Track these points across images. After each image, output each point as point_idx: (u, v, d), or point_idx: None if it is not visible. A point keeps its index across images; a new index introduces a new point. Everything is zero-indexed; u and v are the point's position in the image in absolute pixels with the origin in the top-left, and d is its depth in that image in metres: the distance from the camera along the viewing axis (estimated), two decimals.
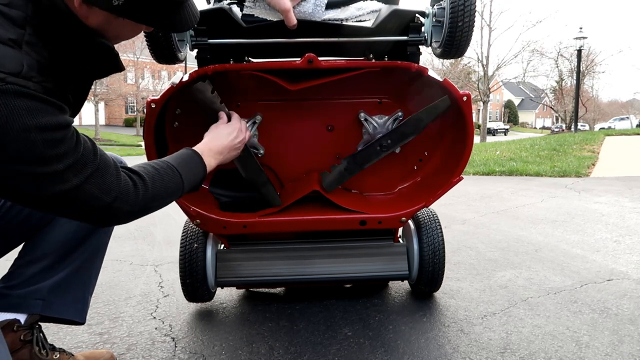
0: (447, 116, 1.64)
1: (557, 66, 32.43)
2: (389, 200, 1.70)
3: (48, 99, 0.82)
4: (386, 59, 1.60)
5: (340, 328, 1.64)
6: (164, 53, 1.46)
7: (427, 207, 1.66)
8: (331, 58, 1.62)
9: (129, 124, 38.04)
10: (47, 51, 0.85)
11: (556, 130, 38.90)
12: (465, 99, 1.43)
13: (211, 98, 1.44)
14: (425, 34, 1.50)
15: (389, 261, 1.71)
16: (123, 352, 1.50)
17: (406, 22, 1.49)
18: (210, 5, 1.57)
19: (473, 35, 1.45)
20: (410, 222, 1.82)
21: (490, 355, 1.43)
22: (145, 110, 1.41)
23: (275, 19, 1.40)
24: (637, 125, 29.83)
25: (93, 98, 28.58)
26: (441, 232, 1.75)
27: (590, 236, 2.92)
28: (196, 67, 1.49)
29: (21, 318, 1.19)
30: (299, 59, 1.38)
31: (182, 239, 1.72)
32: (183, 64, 1.60)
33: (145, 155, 1.47)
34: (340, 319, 1.71)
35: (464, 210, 3.91)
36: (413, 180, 1.72)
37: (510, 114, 58.13)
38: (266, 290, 2.04)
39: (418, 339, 1.54)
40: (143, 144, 1.48)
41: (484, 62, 24.15)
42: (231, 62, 1.52)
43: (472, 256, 2.53)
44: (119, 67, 0.99)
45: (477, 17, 22.71)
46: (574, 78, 24.00)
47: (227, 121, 1.41)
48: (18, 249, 1.24)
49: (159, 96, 1.38)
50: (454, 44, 1.43)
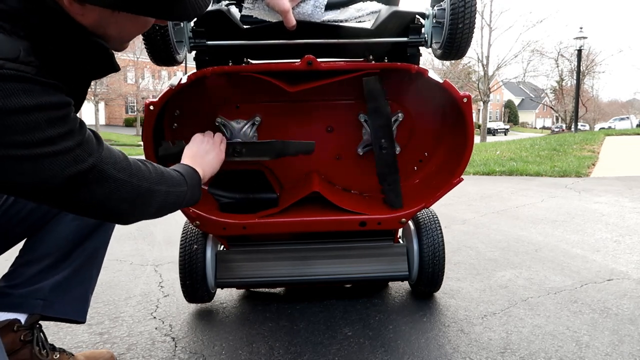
0: (448, 117, 1.64)
1: (558, 66, 32.43)
2: None
3: (46, 81, 0.79)
4: (386, 61, 1.60)
5: (340, 328, 1.64)
6: (162, 55, 1.45)
7: (427, 208, 1.66)
8: (331, 59, 1.62)
9: (129, 123, 38.05)
10: (41, 47, 0.81)
11: (556, 130, 38.89)
12: (465, 100, 1.43)
13: (175, 150, 1.45)
14: (426, 35, 1.50)
15: (389, 262, 1.71)
16: (123, 352, 1.50)
17: (406, 23, 1.49)
18: (209, 7, 1.56)
19: (473, 35, 1.45)
20: (410, 223, 1.82)
21: (490, 355, 1.43)
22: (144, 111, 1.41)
23: (274, 20, 1.40)
24: (637, 125, 29.81)
25: (93, 98, 28.59)
26: (441, 233, 1.75)
27: (590, 236, 2.92)
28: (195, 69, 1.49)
29: (21, 318, 1.19)
30: (298, 60, 1.37)
31: (182, 240, 1.73)
32: (183, 65, 1.61)
33: (144, 156, 1.47)
34: (341, 319, 1.71)
35: (464, 210, 3.92)
36: (413, 181, 1.72)
37: (511, 114, 58.11)
38: (266, 290, 2.04)
39: (418, 338, 1.55)
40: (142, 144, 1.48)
41: (484, 62, 24.15)
42: (230, 64, 1.52)
43: (472, 256, 2.53)
44: (114, 67, 0.94)
45: (478, 17, 22.68)
46: (574, 78, 23.98)
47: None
48: (18, 246, 1.24)
49: (157, 98, 1.38)
50: (454, 45, 1.43)
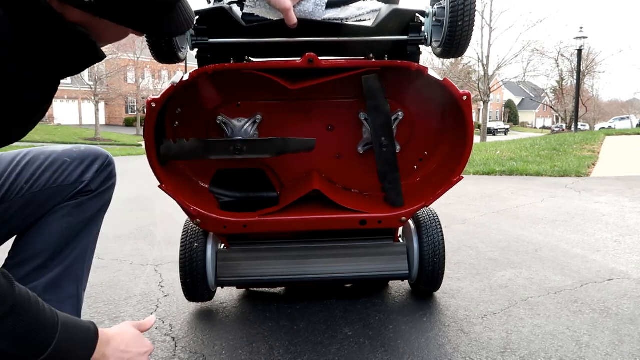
0: (447, 116, 1.64)
1: (558, 66, 32.47)
2: None
3: None
4: (386, 59, 1.60)
5: (340, 328, 1.64)
6: (165, 52, 1.46)
7: (427, 207, 1.66)
8: (331, 57, 1.62)
9: (129, 123, 38.08)
10: (12, 26, 0.74)
11: (556, 130, 38.91)
12: (465, 98, 1.43)
13: (176, 149, 1.44)
14: (425, 34, 1.50)
15: (389, 261, 1.71)
16: None
17: (406, 22, 1.49)
18: (211, 5, 1.57)
19: (473, 34, 1.45)
20: (410, 222, 1.82)
21: (490, 355, 1.42)
22: (145, 110, 1.41)
23: (276, 18, 1.40)
24: (638, 125, 29.81)
25: (93, 98, 28.59)
26: (441, 232, 1.75)
27: (590, 236, 2.92)
28: (196, 67, 1.49)
29: None
30: (299, 58, 1.38)
31: (183, 239, 1.72)
32: (183, 64, 1.61)
33: (145, 154, 1.47)
34: (341, 319, 1.71)
35: (464, 210, 3.91)
36: (413, 179, 1.72)
37: (511, 114, 58.14)
38: (266, 290, 2.04)
39: (418, 338, 1.54)
40: (143, 143, 1.48)
41: (485, 62, 24.17)
42: (231, 62, 1.52)
43: (473, 256, 2.53)
44: (98, 56, 0.86)
45: (478, 17, 22.73)
46: (575, 78, 23.98)
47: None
48: (7, 247, 1.23)
49: (159, 96, 1.38)
50: (454, 43, 1.43)
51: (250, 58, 1.70)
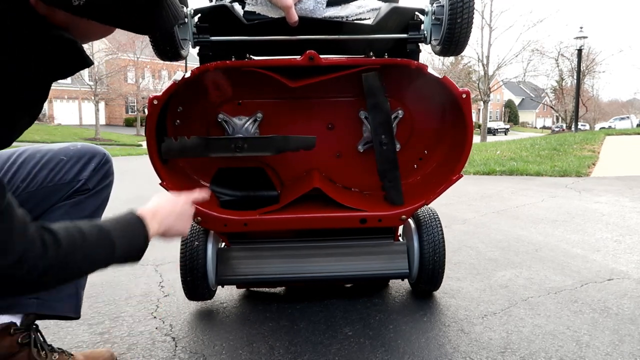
0: (447, 114, 1.64)
1: (558, 66, 32.44)
2: None
3: None
4: (386, 57, 1.60)
5: (340, 328, 1.63)
6: (167, 50, 1.46)
7: (427, 205, 1.66)
8: (332, 56, 1.63)
9: (129, 123, 38.08)
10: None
11: (556, 129, 38.92)
12: (464, 96, 1.43)
13: (178, 146, 1.41)
14: (425, 32, 1.51)
15: (389, 260, 1.71)
16: (123, 352, 1.49)
17: (406, 20, 1.49)
18: (212, 3, 1.57)
19: (473, 34, 1.46)
20: (410, 221, 1.82)
21: (490, 354, 1.42)
22: (145, 110, 1.40)
23: (277, 16, 1.40)
24: (638, 125, 29.82)
25: (93, 97, 28.59)
26: (441, 231, 1.75)
27: (590, 236, 2.92)
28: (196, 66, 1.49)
29: (17, 320, 1.18)
30: (299, 56, 1.38)
31: (183, 237, 1.72)
32: (183, 64, 1.61)
33: (147, 154, 1.47)
34: (341, 319, 1.71)
35: (464, 210, 3.91)
36: (413, 178, 1.72)
37: (511, 114, 58.15)
38: (266, 290, 2.04)
39: (418, 338, 1.54)
40: (144, 143, 1.48)
41: (485, 62, 24.15)
42: (233, 59, 1.52)
43: (473, 256, 2.52)
44: (85, 62, 0.85)
45: (478, 17, 22.75)
46: (575, 77, 23.97)
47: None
48: None
49: (161, 93, 1.38)
50: (453, 41, 1.44)
51: (251, 56, 1.70)
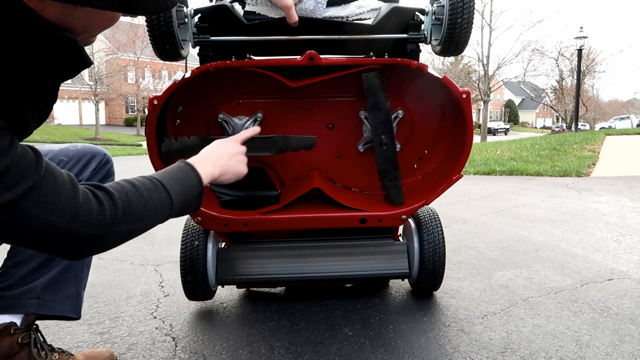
0: (447, 114, 1.64)
1: (558, 65, 32.47)
2: None
3: None
4: (386, 57, 1.60)
5: (340, 328, 1.63)
6: (167, 50, 1.46)
7: (427, 205, 1.66)
8: (332, 56, 1.63)
9: (129, 123, 38.09)
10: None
11: (557, 129, 38.93)
12: (464, 96, 1.43)
13: (178, 146, 1.41)
14: (425, 32, 1.51)
15: (390, 259, 1.71)
16: (123, 352, 1.49)
17: (406, 20, 1.49)
18: (212, 3, 1.57)
19: (473, 34, 1.46)
20: (410, 221, 1.82)
21: (490, 354, 1.42)
22: (145, 110, 1.41)
23: (277, 16, 1.40)
24: (638, 125, 29.81)
25: (94, 97, 28.60)
26: (441, 230, 1.75)
27: (590, 236, 2.92)
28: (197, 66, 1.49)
29: (17, 320, 1.18)
30: (299, 56, 1.38)
31: (183, 237, 1.72)
32: (183, 64, 1.61)
33: (147, 154, 1.47)
34: (341, 319, 1.71)
35: (464, 210, 3.91)
36: (413, 178, 1.72)
37: (511, 114, 58.16)
38: (266, 289, 2.04)
39: (418, 338, 1.54)
40: (144, 143, 1.48)
41: (485, 62, 24.15)
42: (233, 59, 1.52)
43: (473, 256, 2.52)
44: (85, 62, 0.83)
45: (478, 17, 22.75)
46: (575, 77, 23.97)
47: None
48: (5, 248, 1.22)
49: (161, 93, 1.38)
50: (453, 41, 1.44)
51: (251, 56, 1.70)
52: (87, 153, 1.25)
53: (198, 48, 1.53)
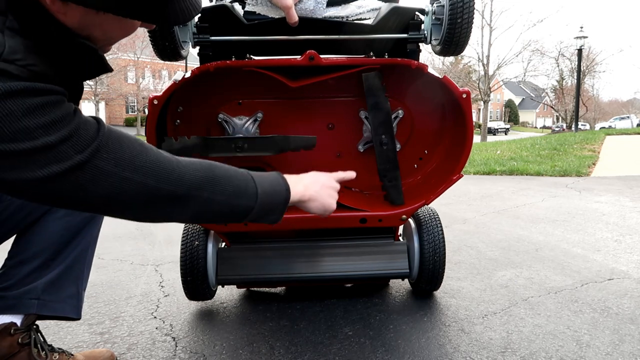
0: (447, 114, 1.64)
1: (558, 65, 32.46)
2: None
3: (26, 64, 0.70)
4: (386, 57, 1.60)
5: (341, 327, 1.63)
6: (167, 50, 1.46)
7: (428, 205, 1.66)
8: (332, 56, 1.63)
9: (129, 123, 38.07)
10: (33, 41, 0.74)
11: (557, 129, 38.93)
12: (464, 96, 1.43)
13: (178, 146, 1.41)
14: (425, 32, 1.51)
15: (390, 259, 1.71)
16: (124, 352, 1.49)
17: (406, 20, 1.49)
18: (212, 3, 1.57)
19: (473, 34, 1.46)
20: (410, 221, 1.82)
21: (491, 354, 1.42)
22: (145, 110, 1.41)
23: (277, 16, 1.40)
24: (638, 125, 29.81)
25: (93, 97, 28.61)
26: (442, 230, 1.75)
27: (590, 235, 2.92)
28: (197, 66, 1.48)
29: (17, 320, 1.18)
30: (299, 56, 1.38)
31: (183, 237, 1.72)
32: (183, 63, 1.61)
33: None
34: (341, 319, 1.71)
35: (464, 210, 3.91)
36: (413, 178, 1.72)
37: (511, 114, 58.14)
38: (267, 289, 2.04)
39: (419, 338, 1.54)
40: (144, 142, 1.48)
41: (485, 62, 24.14)
42: (233, 59, 1.52)
43: (473, 255, 2.52)
44: (106, 68, 0.87)
45: (478, 17, 22.74)
46: (575, 77, 23.97)
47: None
48: (6, 247, 1.23)
49: (161, 93, 1.39)
50: (453, 41, 1.44)
51: (251, 56, 1.70)
52: None
53: (198, 48, 1.53)
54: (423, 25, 1.51)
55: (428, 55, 21.20)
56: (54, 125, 0.72)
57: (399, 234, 1.85)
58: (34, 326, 1.22)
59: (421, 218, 1.78)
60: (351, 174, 1.29)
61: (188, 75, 1.39)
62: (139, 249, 2.89)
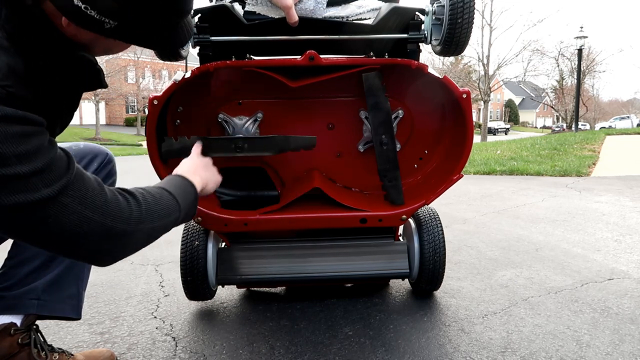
0: (447, 114, 1.64)
1: (558, 65, 32.43)
2: None
3: (8, 92, 0.72)
4: (387, 57, 1.60)
5: (341, 327, 1.63)
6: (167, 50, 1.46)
7: (428, 205, 1.66)
8: (332, 56, 1.63)
9: (129, 123, 38.08)
10: (22, 59, 0.77)
11: (557, 129, 38.93)
12: (464, 96, 1.43)
13: (178, 146, 1.42)
14: (425, 32, 1.51)
15: (390, 259, 1.71)
16: (124, 352, 1.49)
17: (406, 20, 1.49)
18: (212, 3, 1.57)
19: (473, 34, 1.46)
20: (410, 220, 1.82)
21: (491, 354, 1.42)
22: (146, 110, 1.41)
23: (277, 17, 1.40)
24: (638, 125, 29.80)
25: (94, 97, 28.61)
26: (442, 230, 1.75)
27: (590, 235, 2.92)
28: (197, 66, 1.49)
29: (17, 320, 1.17)
30: (300, 56, 1.38)
31: (183, 237, 1.72)
32: (183, 63, 1.61)
33: (147, 154, 1.47)
34: (341, 319, 1.71)
35: (464, 210, 3.91)
36: (414, 178, 1.72)
37: (511, 114, 58.13)
38: (267, 289, 2.04)
39: (419, 338, 1.54)
40: (144, 143, 1.48)
41: (485, 62, 24.13)
42: (233, 59, 1.52)
43: (473, 255, 2.52)
44: (101, 84, 0.93)
45: (478, 17, 22.74)
46: (575, 77, 23.98)
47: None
48: (5, 248, 1.22)
49: (161, 93, 1.38)
50: (453, 41, 1.43)
51: (251, 56, 1.70)
52: (90, 152, 1.26)
53: (198, 48, 1.53)
54: (423, 26, 1.51)
55: (428, 55, 21.21)
56: (29, 156, 0.72)
57: (399, 234, 1.85)
58: (34, 326, 1.22)
59: (421, 218, 1.78)
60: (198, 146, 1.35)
61: (188, 75, 1.39)
62: None
